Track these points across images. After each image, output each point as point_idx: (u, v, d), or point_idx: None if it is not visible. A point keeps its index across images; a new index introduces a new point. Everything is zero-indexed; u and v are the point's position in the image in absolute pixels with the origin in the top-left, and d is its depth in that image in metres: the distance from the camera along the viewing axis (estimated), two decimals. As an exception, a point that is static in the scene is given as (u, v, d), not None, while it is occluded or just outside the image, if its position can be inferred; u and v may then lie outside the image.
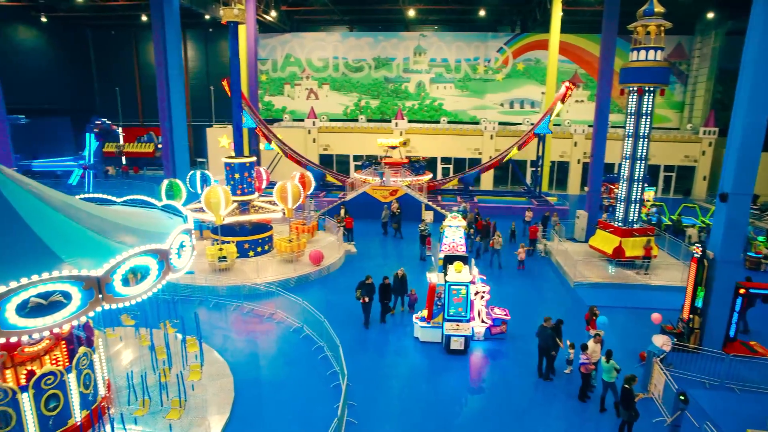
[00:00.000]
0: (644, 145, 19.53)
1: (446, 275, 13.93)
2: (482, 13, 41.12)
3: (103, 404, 9.85)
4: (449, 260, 14.46)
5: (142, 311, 12.64)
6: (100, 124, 36.96)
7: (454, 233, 15.20)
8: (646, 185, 21.96)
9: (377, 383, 12.23)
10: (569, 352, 12.63)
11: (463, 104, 45.79)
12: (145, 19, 44.04)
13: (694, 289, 13.61)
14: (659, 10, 18.28)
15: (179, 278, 11.40)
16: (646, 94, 19.02)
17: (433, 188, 32.80)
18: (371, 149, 37.93)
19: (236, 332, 14.81)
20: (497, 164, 34.76)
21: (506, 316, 14.62)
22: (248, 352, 13.66)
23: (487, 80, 45.21)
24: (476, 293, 14.33)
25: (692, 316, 13.66)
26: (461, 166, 40.21)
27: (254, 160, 21.21)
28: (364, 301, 14.85)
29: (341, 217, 24.92)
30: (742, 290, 13.21)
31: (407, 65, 45.86)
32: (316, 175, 31.95)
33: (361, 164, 35.87)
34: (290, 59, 46.98)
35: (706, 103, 40.92)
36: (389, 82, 46.40)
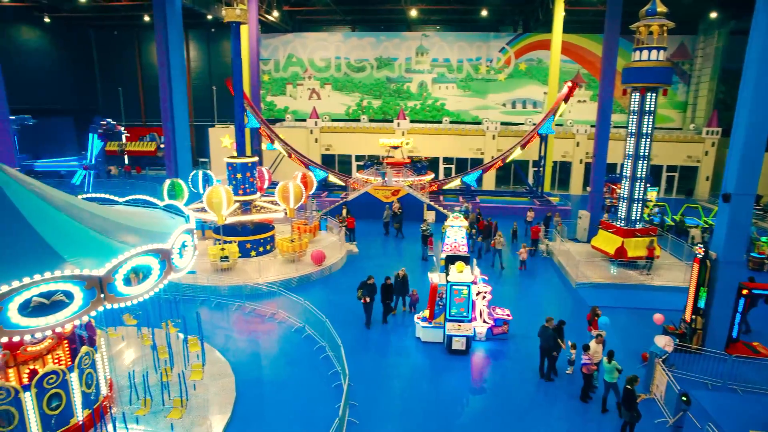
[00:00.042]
0: (647, 143, 19.48)
1: (448, 275, 13.91)
2: (484, 13, 41.08)
3: (105, 403, 9.88)
4: (451, 260, 14.45)
5: (144, 311, 12.67)
6: (105, 124, 37.11)
7: (456, 233, 15.20)
8: (648, 185, 21.89)
9: (379, 383, 12.23)
10: (571, 352, 12.61)
11: (465, 104, 45.76)
12: (147, 19, 44.16)
13: (696, 289, 13.58)
14: (662, 9, 18.23)
15: (181, 278, 11.42)
16: (648, 93, 18.98)
17: (435, 190, 32.75)
18: (373, 149, 37.94)
19: (238, 332, 14.84)
20: (501, 165, 34.67)
21: (508, 316, 14.61)
22: (250, 351, 13.68)
23: (489, 80, 45.17)
24: (478, 293, 14.31)
25: (695, 316, 13.62)
26: (463, 166, 40.18)
27: (256, 160, 21.25)
28: (365, 301, 14.84)
29: (343, 217, 24.94)
30: (744, 291, 13.17)
31: (409, 65, 45.86)
32: (321, 176, 32.03)
33: (363, 164, 35.87)
34: (292, 59, 47.03)
35: (709, 103, 40.78)
36: (391, 82, 46.40)
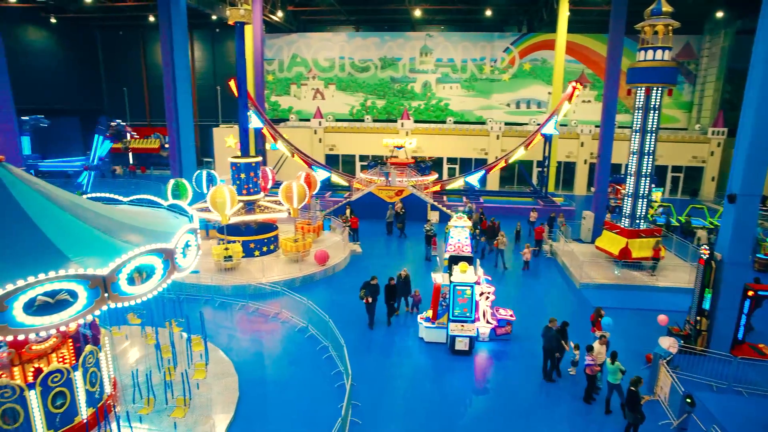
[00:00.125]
0: (652, 140, 19.34)
1: (451, 276, 13.89)
2: (488, 13, 41.02)
3: (109, 402, 9.92)
4: (454, 260, 14.41)
5: (147, 310, 12.72)
6: (115, 125, 37.25)
7: (459, 233, 15.17)
8: (653, 186, 21.75)
9: (381, 383, 12.23)
10: (574, 353, 12.58)
11: (469, 104, 45.69)
12: (152, 19, 44.39)
13: (701, 290, 13.50)
14: (667, 9, 18.13)
15: (185, 277, 11.47)
16: (654, 91, 18.86)
17: (438, 190, 32.69)
18: (377, 149, 37.95)
19: (241, 331, 14.87)
20: (505, 165, 34.57)
21: (511, 317, 14.58)
22: (253, 351, 13.71)
23: (493, 80, 45.08)
24: (481, 294, 14.28)
25: (699, 318, 13.54)
26: (467, 166, 40.12)
27: (260, 159, 21.28)
28: (367, 301, 14.83)
29: (347, 217, 24.95)
30: (750, 292, 13.09)
31: (413, 65, 45.83)
32: (324, 177, 32.00)
33: (366, 164, 35.87)
34: (296, 59, 47.11)
35: (714, 103, 40.54)
36: (395, 82, 46.40)
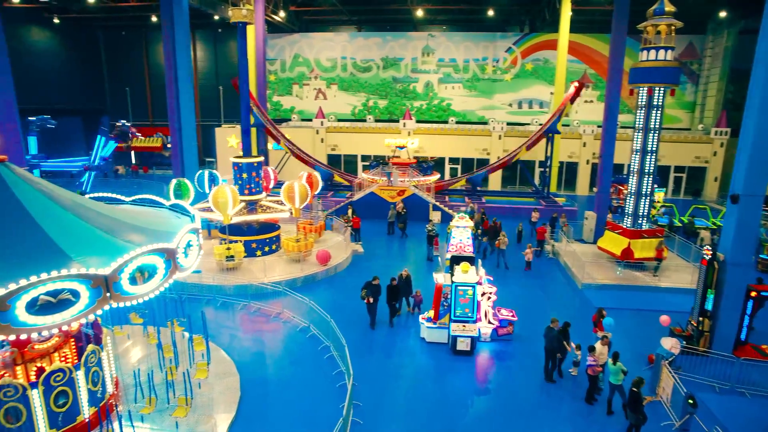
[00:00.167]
0: (654, 138, 19.26)
1: (453, 276, 13.88)
2: (491, 13, 40.98)
3: (111, 401, 9.95)
4: (456, 261, 14.41)
5: (149, 310, 12.76)
6: (120, 126, 37.39)
7: (461, 234, 15.16)
8: (656, 186, 21.67)
9: (383, 383, 12.22)
10: (576, 353, 12.56)
11: (471, 104, 45.65)
12: (155, 19, 44.46)
13: (704, 291, 13.46)
14: (670, 9, 18.07)
15: (187, 277, 11.49)
16: (656, 93, 18.81)
17: (440, 188, 32.70)
18: (379, 149, 37.96)
19: (243, 331, 14.89)
20: (506, 164, 34.59)
21: (513, 317, 14.56)
22: (255, 351, 13.72)
23: (495, 80, 45.03)
24: (483, 294, 14.27)
25: (702, 318, 13.50)
26: (469, 166, 40.10)
27: (262, 159, 21.30)
28: (368, 301, 14.83)
29: (348, 217, 24.95)
30: (753, 293, 13.05)
31: (415, 65, 45.81)
32: (324, 175, 32.05)
33: (368, 164, 35.90)
34: (299, 59, 47.14)
35: (717, 103, 40.41)
36: (397, 82, 46.38)
